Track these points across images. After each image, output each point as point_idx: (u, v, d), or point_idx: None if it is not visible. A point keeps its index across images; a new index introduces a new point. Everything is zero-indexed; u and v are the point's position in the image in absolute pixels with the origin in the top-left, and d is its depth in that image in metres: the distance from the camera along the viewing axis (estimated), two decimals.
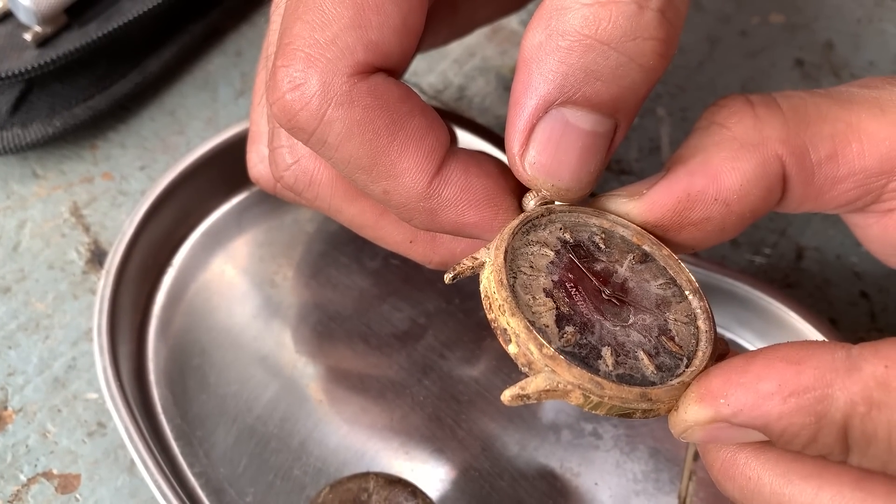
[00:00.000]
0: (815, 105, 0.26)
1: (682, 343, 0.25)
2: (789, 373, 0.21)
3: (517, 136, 0.25)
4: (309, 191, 0.30)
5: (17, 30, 0.42)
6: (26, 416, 0.36)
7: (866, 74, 0.48)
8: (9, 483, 0.34)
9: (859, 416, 0.21)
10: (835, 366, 0.21)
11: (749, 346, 0.38)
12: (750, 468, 0.23)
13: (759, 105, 0.26)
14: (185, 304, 0.38)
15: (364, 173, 0.26)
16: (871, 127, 0.26)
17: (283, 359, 0.37)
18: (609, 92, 0.24)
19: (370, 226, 0.30)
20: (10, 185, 0.42)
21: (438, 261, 0.30)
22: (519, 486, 0.34)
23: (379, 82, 0.25)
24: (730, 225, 0.26)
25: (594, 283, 0.25)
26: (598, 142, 0.25)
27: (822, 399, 0.21)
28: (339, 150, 0.25)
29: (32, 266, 0.40)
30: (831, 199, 0.27)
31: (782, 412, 0.21)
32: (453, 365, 0.37)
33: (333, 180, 0.29)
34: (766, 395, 0.21)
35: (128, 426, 0.33)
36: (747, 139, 0.26)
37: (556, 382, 0.23)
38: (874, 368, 0.21)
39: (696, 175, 0.26)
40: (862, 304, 0.40)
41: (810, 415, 0.21)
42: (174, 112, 0.45)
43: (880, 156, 0.25)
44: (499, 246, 0.25)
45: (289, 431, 0.35)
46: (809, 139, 0.26)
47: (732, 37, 0.50)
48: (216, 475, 0.34)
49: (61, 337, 0.38)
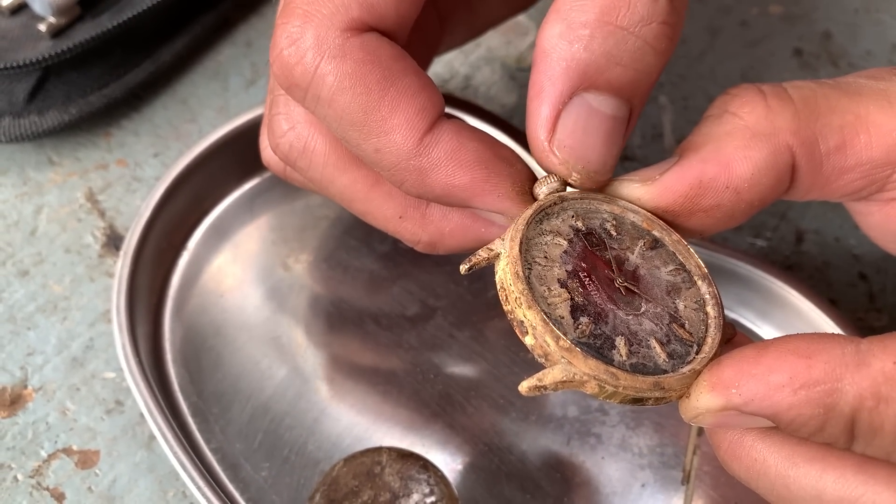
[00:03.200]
0: (824, 96, 0.27)
1: (693, 330, 0.26)
2: (800, 366, 0.22)
3: (544, 123, 0.26)
4: (302, 158, 0.30)
5: (32, 21, 0.43)
6: (46, 395, 0.37)
7: (864, 64, 0.49)
8: (30, 459, 0.35)
9: (867, 410, 0.21)
10: (844, 360, 0.22)
11: (750, 326, 0.39)
12: (756, 450, 0.24)
13: (770, 95, 0.27)
14: (200, 286, 0.39)
15: (356, 130, 0.26)
16: (878, 119, 0.26)
17: (295, 339, 0.38)
18: (628, 76, 0.25)
19: (361, 198, 0.30)
20: (26, 171, 0.43)
21: (427, 240, 0.30)
22: (527, 460, 0.35)
23: (372, 39, 0.26)
24: (739, 212, 0.27)
25: (606, 272, 0.26)
26: (618, 126, 0.26)
27: (831, 392, 0.21)
28: (332, 104, 0.26)
29: (49, 250, 0.40)
30: (838, 188, 0.27)
31: (792, 403, 0.22)
32: (462, 344, 0.38)
33: (327, 149, 0.30)
34: (777, 386, 0.22)
35: (147, 402, 0.34)
36: (759, 129, 0.26)
37: (572, 374, 0.23)
38: (883, 364, 0.21)
39: (709, 162, 0.26)
40: (861, 286, 0.41)
41: (819, 406, 0.21)
42: (186, 101, 0.46)
43: (887, 147, 0.26)
44: (514, 237, 0.26)
45: (302, 409, 0.36)
46: (819, 130, 0.26)
47: (732, 27, 0.51)
48: (232, 450, 0.35)
49: (79, 318, 0.39)
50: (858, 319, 0.40)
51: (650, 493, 0.35)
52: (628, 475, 0.35)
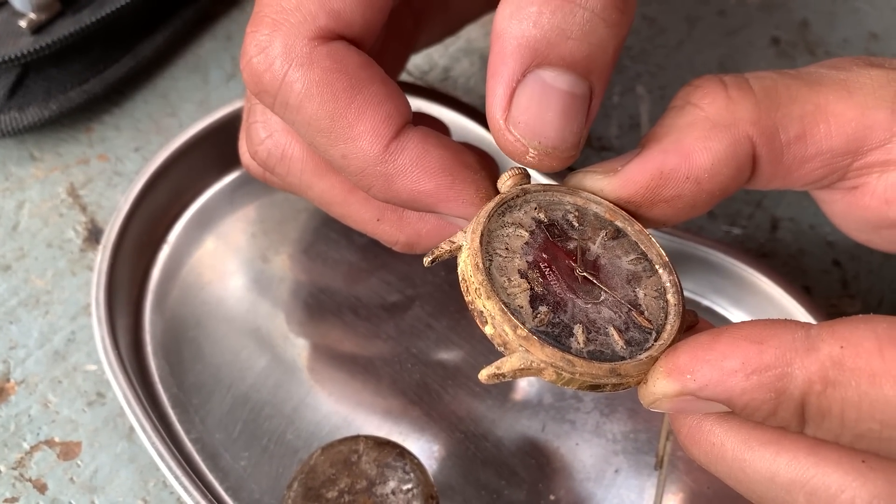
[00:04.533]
0: (785, 87, 0.27)
1: (652, 317, 0.26)
2: (752, 351, 0.22)
3: (499, 101, 0.26)
4: (281, 165, 0.31)
5: (13, 17, 0.43)
6: (28, 388, 0.37)
7: (841, 52, 0.50)
8: (13, 451, 0.36)
9: (815, 394, 0.22)
10: (794, 346, 0.22)
11: (724, 313, 0.39)
12: (714, 435, 0.24)
13: (731, 86, 0.27)
14: (180, 278, 0.40)
15: (324, 136, 0.27)
16: (838, 108, 0.26)
17: (275, 330, 0.39)
18: (581, 50, 0.25)
19: (339, 202, 0.31)
20: (8, 167, 0.43)
21: (405, 241, 0.30)
22: (503, 446, 0.36)
23: (339, 48, 0.27)
24: (700, 202, 0.27)
25: (567, 262, 0.26)
26: (576, 103, 0.26)
27: (781, 377, 0.22)
28: (300, 111, 0.27)
29: (31, 245, 0.41)
30: (799, 177, 0.28)
31: (745, 388, 0.22)
32: (439, 334, 0.39)
33: (304, 155, 0.30)
34: (730, 371, 0.22)
35: (127, 394, 0.34)
36: (719, 120, 0.27)
37: (529, 361, 0.24)
38: (830, 349, 0.22)
39: (670, 153, 0.27)
40: (834, 272, 0.42)
41: (771, 391, 0.22)
42: (167, 95, 0.46)
43: (846, 136, 0.26)
44: (475, 230, 0.26)
45: (281, 398, 0.37)
46: (780, 120, 0.27)
47: (711, 16, 0.51)
48: (212, 440, 0.36)
49: (60, 312, 0.39)
50: (832, 306, 0.41)
51: (624, 479, 0.35)
52: (602, 461, 0.36)
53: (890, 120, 0.26)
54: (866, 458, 0.22)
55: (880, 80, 0.27)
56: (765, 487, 0.24)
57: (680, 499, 0.35)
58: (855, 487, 0.22)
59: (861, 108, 0.26)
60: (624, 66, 0.49)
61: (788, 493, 0.23)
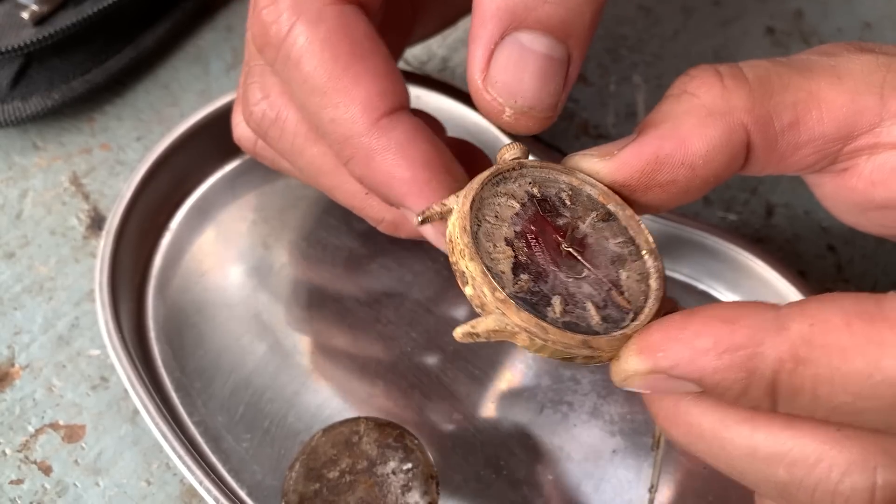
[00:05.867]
0: (777, 75, 0.27)
1: (632, 299, 0.26)
2: (724, 331, 0.22)
3: (477, 62, 0.26)
4: (274, 128, 0.31)
5: (16, 9, 0.44)
6: (33, 372, 0.38)
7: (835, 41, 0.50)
8: (18, 434, 0.36)
9: (787, 372, 0.22)
10: (765, 325, 0.22)
11: (721, 297, 0.40)
12: (690, 415, 0.25)
13: (726, 76, 0.28)
14: (182, 265, 0.40)
15: (317, 96, 0.27)
16: (829, 95, 0.27)
17: (276, 315, 0.39)
18: (558, 14, 0.26)
19: (328, 172, 0.30)
20: (11, 156, 0.44)
21: (390, 220, 0.30)
22: (501, 428, 0.36)
23: (350, 12, 0.27)
24: (694, 187, 0.28)
25: (555, 237, 0.27)
26: (553, 66, 0.26)
27: (752, 356, 0.22)
28: (299, 66, 0.27)
29: (35, 232, 0.41)
30: (793, 163, 0.28)
31: (716, 367, 0.22)
32: (438, 318, 0.39)
33: (298, 118, 0.30)
34: (702, 350, 0.23)
35: (131, 378, 0.35)
36: (715, 108, 0.27)
37: (504, 324, 0.24)
38: (800, 327, 0.22)
39: (666, 139, 0.27)
40: (829, 257, 0.42)
41: (742, 370, 0.22)
42: (168, 85, 0.47)
43: (837, 122, 0.27)
44: (467, 195, 0.26)
45: (283, 382, 0.37)
46: (773, 108, 0.27)
47: (706, 6, 0.51)
48: (214, 423, 0.36)
49: (64, 298, 0.40)
50: (826, 290, 0.41)
51: (621, 459, 0.36)
52: (599, 442, 0.36)
53: (878, 104, 0.27)
54: (840, 427, 0.23)
55: (869, 65, 0.27)
56: (745, 463, 0.24)
57: (677, 478, 0.35)
58: (832, 455, 0.23)
59: (851, 93, 0.27)
60: (620, 56, 0.49)
61: (769, 467, 0.24)
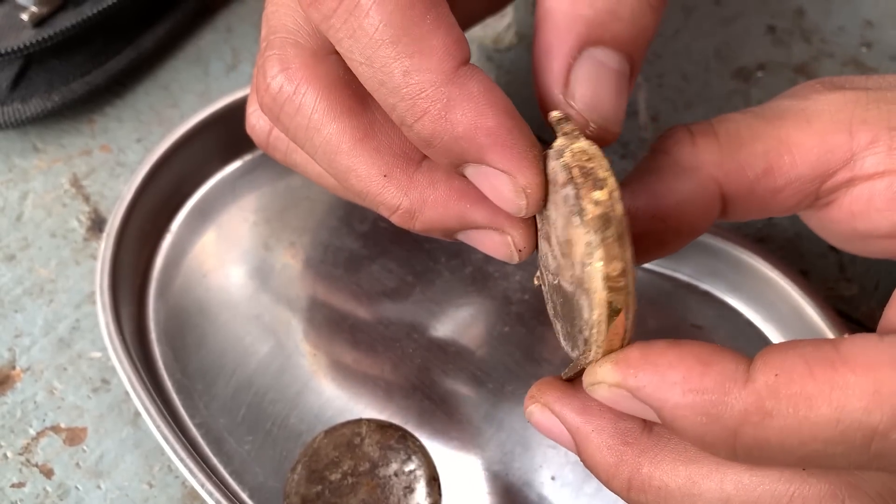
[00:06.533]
0: (747, 126, 0.29)
1: None
2: (696, 371, 0.23)
3: (558, 77, 0.26)
4: (291, 103, 0.28)
5: (15, 11, 0.44)
6: (34, 375, 0.38)
7: (836, 39, 0.50)
8: (19, 437, 0.36)
9: (752, 425, 0.22)
10: (735, 376, 0.23)
11: (723, 297, 0.40)
12: (655, 479, 0.25)
13: (697, 133, 0.29)
14: (183, 266, 0.40)
15: (389, 47, 0.25)
16: (799, 139, 0.28)
17: (277, 316, 0.39)
18: (629, 32, 0.27)
19: (346, 150, 0.28)
20: (11, 158, 0.44)
21: (407, 206, 0.28)
22: (503, 429, 0.36)
23: None
24: (668, 239, 0.29)
25: None
26: (623, 80, 0.27)
27: (717, 404, 0.22)
28: (370, 15, 0.25)
29: (35, 235, 0.41)
30: (775, 205, 0.29)
31: (678, 403, 0.23)
32: (440, 319, 0.39)
33: (320, 93, 0.28)
34: (670, 383, 0.23)
35: (132, 380, 0.35)
36: (685, 164, 0.28)
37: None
38: (766, 378, 0.22)
39: (637, 194, 0.28)
40: (831, 256, 0.42)
41: (703, 414, 0.22)
42: (168, 86, 0.47)
43: (810, 163, 0.28)
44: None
45: (285, 383, 0.37)
46: (745, 159, 0.28)
47: (706, 5, 0.51)
48: (216, 425, 0.36)
49: (65, 300, 0.39)
50: (829, 289, 0.41)
51: None
52: None
53: (847, 140, 0.28)
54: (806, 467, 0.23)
55: (837, 103, 0.28)
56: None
57: None
58: (802, 492, 0.24)
59: (820, 135, 0.28)
60: None
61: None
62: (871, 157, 0.27)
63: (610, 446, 0.26)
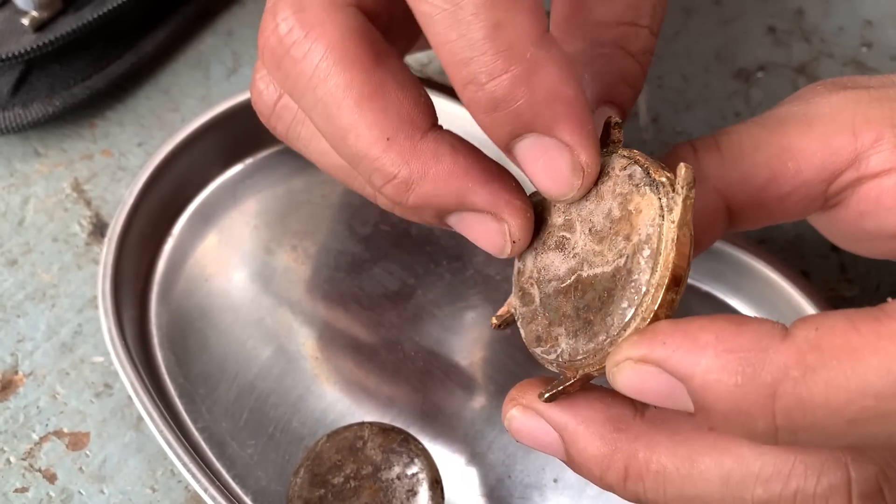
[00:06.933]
0: (749, 136, 0.29)
1: None
2: (729, 331, 0.22)
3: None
4: (299, 47, 0.27)
5: (15, 15, 0.44)
6: (36, 380, 0.38)
7: (836, 40, 0.50)
8: (22, 442, 0.36)
9: (792, 381, 0.21)
10: (772, 332, 0.22)
11: (724, 299, 0.40)
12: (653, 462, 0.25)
13: (700, 149, 0.29)
14: (185, 271, 0.40)
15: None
16: (801, 144, 0.28)
17: (279, 320, 0.39)
18: (629, 94, 0.29)
19: (350, 106, 0.26)
20: (13, 163, 0.44)
21: (405, 176, 0.26)
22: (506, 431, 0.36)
23: None
24: None
25: None
26: None
27: (753, 362, 0.21)
28: None
29: (37, 239, 0.41)
30: (784, 212, 0.29)
31: (709, 367, 0.21)
32: (441, 322, 0.39)
33: (331, 40, 0.26)
34: (701, 345, 0.22)
35: (134, 385, 0.35)
36: None
37: None
38: (806, 333, 0.21)
39: None
40: (832, 257, 0.42)
41: (738, 374, 0.21)
42: (169, 91, 0.47)
43: (815, 167, 0.28)
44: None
45: (287, 387, 0.37)
46: (748, 169, 0.28)
47: (706, 6, 0.51)
48: (219, 429, 0.36)
49: (67, 305, 0.40)
50: (831, 290, 0.41)
51: None
52: None
53: (851, 141, 0.27)
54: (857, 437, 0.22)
55: (838, 104, 0.28)
56: (721, 493, 0.24)
57: None
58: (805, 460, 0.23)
59: (822, 138, 0.28)
60: None
61: (745, 490, 0.24)
62: (876, 155, 0.27)
63: (602, 435, 0.25)
